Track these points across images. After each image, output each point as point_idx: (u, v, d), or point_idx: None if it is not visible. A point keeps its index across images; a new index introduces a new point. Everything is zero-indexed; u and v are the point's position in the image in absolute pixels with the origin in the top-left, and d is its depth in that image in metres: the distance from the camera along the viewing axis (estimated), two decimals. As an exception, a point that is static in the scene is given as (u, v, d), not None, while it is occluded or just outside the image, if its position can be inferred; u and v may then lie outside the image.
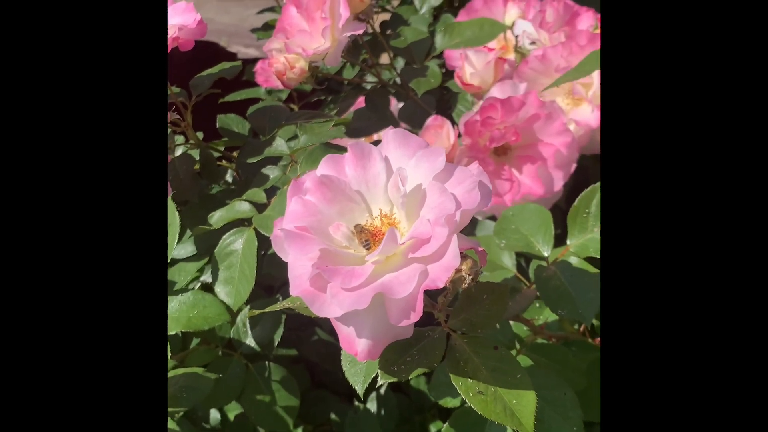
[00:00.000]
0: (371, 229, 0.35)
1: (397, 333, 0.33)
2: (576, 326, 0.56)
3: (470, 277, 0.32)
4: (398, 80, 0.78)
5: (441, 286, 0.30)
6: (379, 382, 0.36)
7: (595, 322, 0.54)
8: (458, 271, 0.32)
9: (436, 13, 0.99)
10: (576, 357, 0.50)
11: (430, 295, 0.38)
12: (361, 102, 0.76)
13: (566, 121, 0.60)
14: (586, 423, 0.54)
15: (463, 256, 0.32)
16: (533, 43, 0.67)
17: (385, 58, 0.80)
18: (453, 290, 0.34)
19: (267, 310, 0.40)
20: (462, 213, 0.31)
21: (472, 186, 0.32)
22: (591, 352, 0.52)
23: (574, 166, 0.60)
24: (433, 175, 0.33)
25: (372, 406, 0.70)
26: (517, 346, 0.50)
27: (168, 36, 0.55)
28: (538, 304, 0.54)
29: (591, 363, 0.50)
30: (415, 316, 0.30)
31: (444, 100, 0.83)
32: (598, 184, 0.45)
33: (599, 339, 0.54)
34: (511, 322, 0.52)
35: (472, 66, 0.65)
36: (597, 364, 0.50)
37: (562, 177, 0.60)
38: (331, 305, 0.31)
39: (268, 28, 1.14)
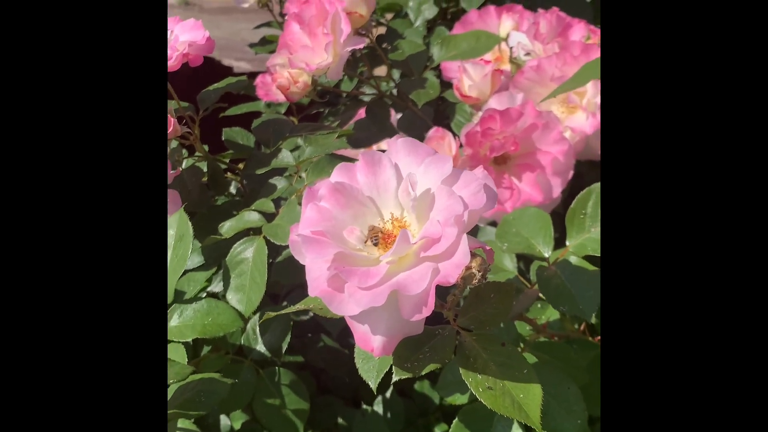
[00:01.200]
0: (383, 232, 0.36)
1: (409, 329, 0.35)
2: (576, 325, 0.58)
3: (480, 274, 0.34)
4: (395, 92, 0.81)
5: (452, 282, 0.32)
6: (394, 378, 0.37)
7: (595, 320, 0.56)
8: (468, 268, 0.34)
9: (430, 25, 1.02)
10: (577, 354, 0.52)
11: (439, 295, 0.40)
12: (361, 113, 0.78)
13: (562, 128, 0.62)
14: (589, 418, 0.56)
15: (473, 254, 0.34)
16: (528, 54, 0.70)
17: (381, 71, 0.82)
18: (463, 287, 0.36)
19: (283, 312, 0.42)
20: (469, 214, 0.33)
21: (478, 188, 0.34)
22: (591, 349, 0.54)
23: (571, 173, 0.63)
24: (441, 180, 0.35)
25: (378, 409, 0.72)
26: (521, 344, 0.52)
27: (178, 52, 0.57)
28: (539, 305, 0.56)
29: (592, 360, 0.52)
30: (427, 310, 0.32)
31: (440, 111, 0.86)
32: (594, 185, 0.47)
33: (599, 337, 0.56)
34: (516, 322, 0.54)
35: (470, 78, 0.67)
36: (597, 361, 0.52)
37: (560, 184, 0.62)
38: (348, 304, 0.33)
39: (265, 42, 1.17)
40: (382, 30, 0.98)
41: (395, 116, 0.82)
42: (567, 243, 0.47)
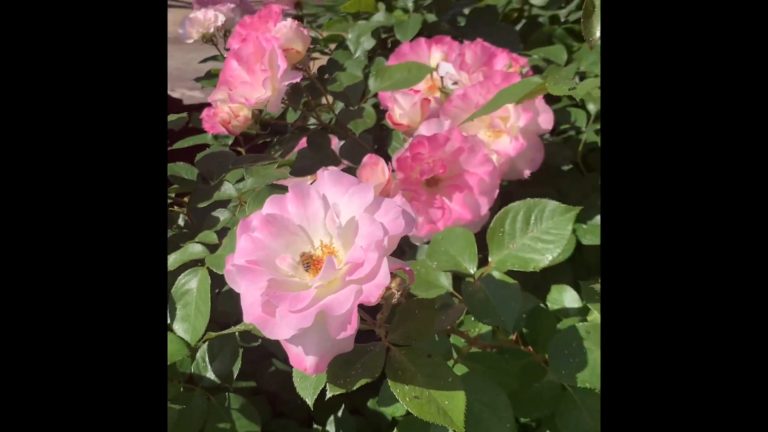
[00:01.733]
0: (314, 258, 0.39)
1: (339, 347, 0.38)
2: (510, 336, 0.62)
3: (399, 293, 0.37)
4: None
5: (374, 301, 0.35)
6: (328, 394, 0.40)
7: (525, 330, 0.60)
8: (388, 288, 0.37)
9: (371, 54, 1.06)
10: (509, 363, 0.56)
11: (372, 314, 0.43)
12: (303, 143, 0.81)
13: (488, 152, 0.67)
14: (525, 424, 0.60)
15: (393, 276, 0.37)
16: (455, 83, 0.74)
17: (325, 99, 0.86)
18: (387, 305, 0.39)
19: (225, 332, 0.44)
20: (389, 238, 0.37)
21: (396, 215, 0.38)
22: (523, 357, 0.58)
23: (497, 191, 0.67)
24: (363, 208, 0.38)
25: (331, 429, 0.74)
26: (455, 356, 0.55)
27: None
28: (473, 318, 0.60)
29: (523, 367, 0.56)
30: (351, 329, 0.35)
31: (381, 137, 0.90)
32: (510, 205, 0.51)
33: (530, 347, 0.60)
34: (451, 336, 0.58)
35: (400, 107, 0.71)
36: (528, 368, 0.56)
37: (487, 202, 0.66)
38: (280, 327, 0.36)
39: (211, 76, 1.19)
40: (325, 60, 1.02)
41: (337, 144, 0.86)
42: (489, 260, 0.51)
